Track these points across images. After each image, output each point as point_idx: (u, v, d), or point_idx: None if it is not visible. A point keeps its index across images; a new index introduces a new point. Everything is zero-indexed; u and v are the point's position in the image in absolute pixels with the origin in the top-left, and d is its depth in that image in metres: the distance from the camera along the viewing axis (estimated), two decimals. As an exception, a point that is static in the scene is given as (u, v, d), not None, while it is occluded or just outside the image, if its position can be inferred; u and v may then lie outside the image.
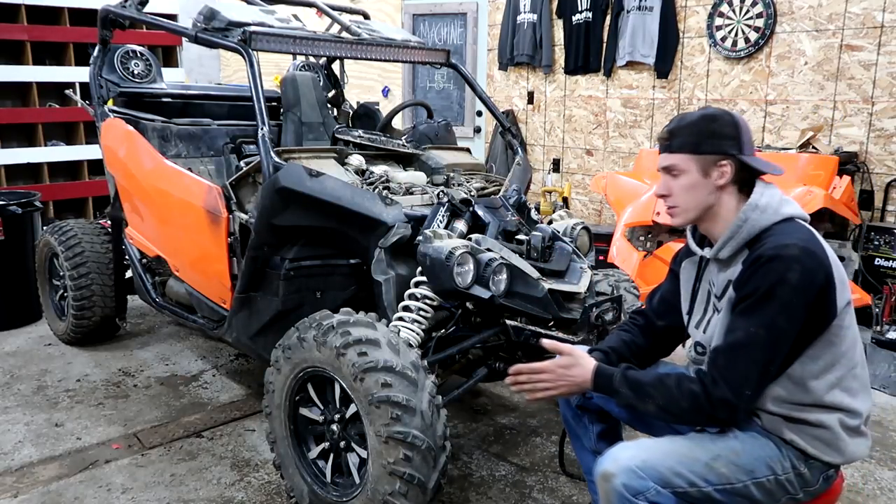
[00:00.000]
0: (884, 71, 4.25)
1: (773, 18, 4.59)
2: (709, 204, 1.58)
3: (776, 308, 1.42)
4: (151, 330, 4.09)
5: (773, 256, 1.44)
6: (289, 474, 2.26)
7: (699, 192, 1.57)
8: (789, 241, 1.45)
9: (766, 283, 1.43)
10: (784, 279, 1.42)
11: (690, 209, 1.60)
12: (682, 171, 1.58)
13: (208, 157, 3.59)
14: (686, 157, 1.57)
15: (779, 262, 1.43)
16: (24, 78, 5.42)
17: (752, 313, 1.44)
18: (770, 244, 1.47)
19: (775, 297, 1.42)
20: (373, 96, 6.67)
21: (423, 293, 2.25)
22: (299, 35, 2.76)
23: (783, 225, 1.52)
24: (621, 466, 1.47)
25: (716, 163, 1.56)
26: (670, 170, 1.59)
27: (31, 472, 2.56)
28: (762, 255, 1.46)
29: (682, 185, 1.58)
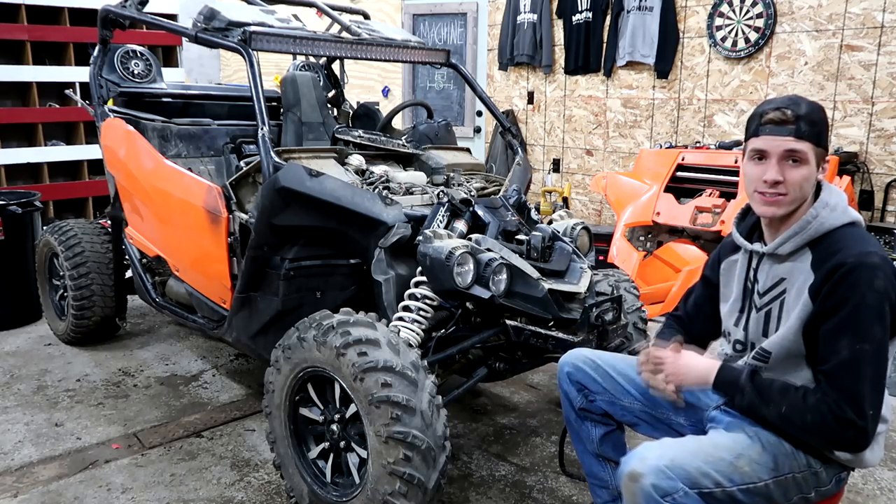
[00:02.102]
0: (884, 71, 4.25)
1: (773, 18, 4.59)
2: (807, 197, 1.54)
3: (872, 318, 1.41)
4: (151, 330, 4.09)
5: (857, 265, 1.42)
6: (289, 474, 2.26)
7: (809, 185, 1.52)
8: (869, 248, 1.45)
9: (856, 295, 1.41)
10: (873, 287, 1.41)
11: (797, 200, 1.53)
12: (806, 160, 1.50)
13: (208, 157, 3.59)
14: (811, 147, 1.49)
15: (865, 272, 1.41)
16: (24, 78, 5.42)
17: (849, 328, 1.42)
18: (849, 251, 1.45)
19: (868, 307, 1.41)
20: (373, 96, 6.68)
21: (423, 293, 2.25)
22: (299, 35, 2.76)
23: (850, 230, 1.52)
24: (650, 466, 1.44)
25: (825, 157, 1.54)
26: (793, 156, 1.50)
27: (31, 471, 2.56)
28: (844, 263, 1.44)
29: (801, 175, 1.50)
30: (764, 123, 1.51)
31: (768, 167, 1.51)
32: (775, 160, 1.50)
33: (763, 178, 1.51)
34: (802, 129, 1.48)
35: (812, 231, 1.51)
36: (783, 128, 1.49)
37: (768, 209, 1.53)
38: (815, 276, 1.48)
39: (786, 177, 1.50)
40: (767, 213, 1.54)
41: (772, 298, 1.59)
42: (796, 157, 1.49)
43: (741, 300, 1.67)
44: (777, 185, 1.50)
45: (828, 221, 1.51)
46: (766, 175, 1.50)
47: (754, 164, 1.54)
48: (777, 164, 1.50)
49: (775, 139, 1.50)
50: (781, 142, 1.49)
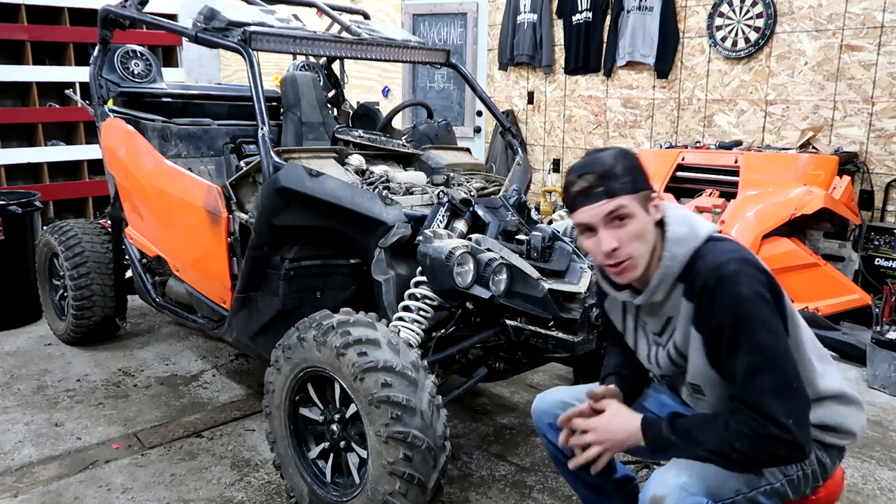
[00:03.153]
0: (884, 71, 4.25)
1: (773, 18, 4.59)
2: (653, 245, 1.47)
3: (752, 327, 1.36)
4: (151, 330, 4.09)
5: (717, 281, 1.39)
6: (289, 474, 2.26)
7: (649, 235, 1.46)
8: (722, 258, 1.40)
9: (727, 311, 1.37)
10: (739, 297, 1.36)
11: (643, 255, 1.46)
12: (631, 214, 1.42)
13: (208, 157, 3.59)
14: (629, 198, 1.42)
15: (726, 284, 1.38)
16: (24, 78, 5.42)
17: (737, 346, 1.37)
18: (705, 271, 1.41)
19: (742, 318, 1.36)
20: (373, 96, 6.68)
21: (423, 293, 2.25)
22: (299, 35, 2.76)
23: (707, 247, 1.46)
24: (671, 487, 1.42)
25: (650, 198, 1.46)
26: (615, 216, 1.43)
27: (31, 471, 2.56)
28: (705, 284, 1.40)
29: (633, 232, 1.43)
30: (574, 197, 1.46)
31: (599, 238, 1.44)
32: (602, 228, 1.44)
33: (600, 250, 1.45)
34: (611, 187, 1.42)
35: (673, 270, 1.47)
36: (592, 195, 1.43)
37: (623, 278, 1.49)
38: (692, 306, 1.45)
39: (620, 240, 1.43)
40: (624, 281, 1.50)
41: (668, 337, 1.55)
42: (619, 215, 1.42)
43: (642, 339, 1.64)
44: (615, 252, 1.44)
45: (682, 253, 1.46)
46: (602, 246, 1.44)
47: (586, 238, 1.48)
48: (605, 230, 1.44)
49: (590, 209, 1.43)
50: (596, 209, 1.43)
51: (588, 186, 1.43)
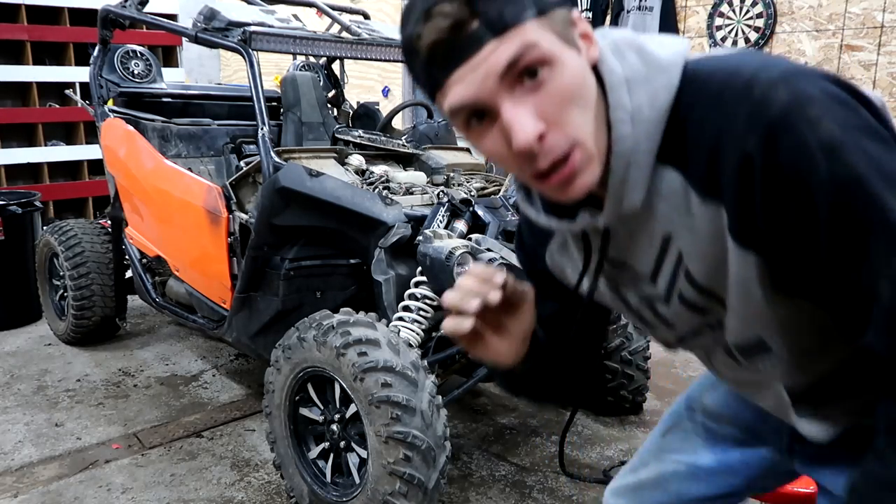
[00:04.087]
0: (884, 71, 4.25)
1: (773, 18, 4.59)
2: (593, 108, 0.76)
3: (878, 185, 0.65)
4: (151, 330, 4.09)
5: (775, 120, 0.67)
6: (289, 474, 2.26)
7: (590, 91, 0.75)
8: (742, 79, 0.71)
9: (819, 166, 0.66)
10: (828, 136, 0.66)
11: (594, 132, 0.76)
12: (549, 57, 0.72)
13: (208, 157, 3.59)
14: (537, 25, 0.72)
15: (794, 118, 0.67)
16: (24, 78, 5.42)
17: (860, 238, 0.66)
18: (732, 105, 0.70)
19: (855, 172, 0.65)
20: (373, 96, 6.67)
21: (423, 293, 2.25)
22: (299, 35, 2.76)
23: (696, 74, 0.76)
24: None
25: (571, 21, 0.76)
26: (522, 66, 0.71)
27: (31, 472, 2.56)
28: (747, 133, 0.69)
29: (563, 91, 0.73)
30: (430, 57, 0.73)
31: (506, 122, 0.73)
32: (505, 100, 0.72)
33: (515, 146, 0.72)
34: (499, 10, 0.71)
35: (646, 139, 0.76)
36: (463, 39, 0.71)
37: (573, 187, 0.76)
38: (717, 193, 0.73)
39: (545, 113, 0.72)
40: (577, 192, 0.77)
41: (672, 273, 0.84)
42: (529, 63, 0.71)
43: (631, 295, 0.94)
44: (546, 139, 0.73)
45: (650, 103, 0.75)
46: (517, 136, 0.72)
47: (481, 134, 0.76)
48: (512, 102, 0.72)
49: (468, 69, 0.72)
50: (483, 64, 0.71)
51: (453, 23, 0.70)
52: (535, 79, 0.72)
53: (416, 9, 0.73)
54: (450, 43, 0.72)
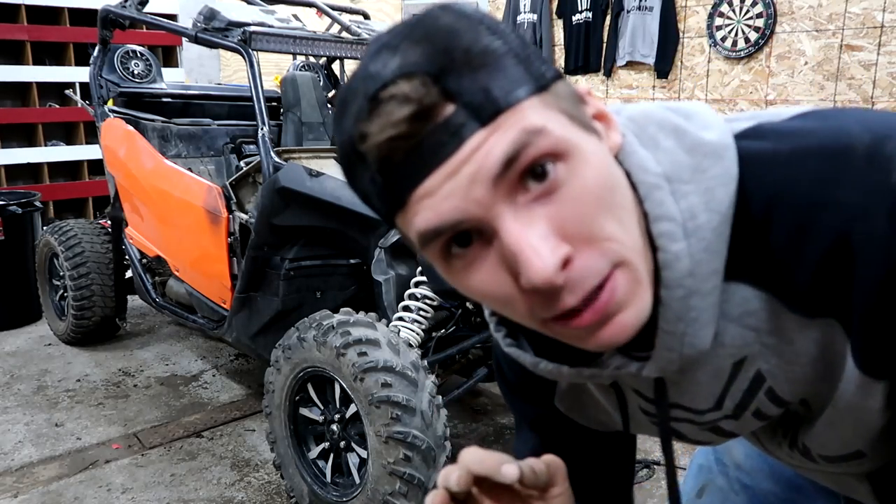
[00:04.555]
0: (884, 71, 4.25)
1: (773, 18, 4.59)
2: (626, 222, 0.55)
3: None
4: (151, 330, 4.09)
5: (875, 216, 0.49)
6: (289, 474, 2.26)
7: (622, 190, 0.55)
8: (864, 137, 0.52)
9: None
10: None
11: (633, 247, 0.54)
12: (564, 146, 0.51)
13: (208, 157, 3.59)
14: (538, 106, 0.51)
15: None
16: (24, 78, 5.42)
17: None
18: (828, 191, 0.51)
19: None
20: (373, 96, 6.67)
21: (423, 293, 2.25)
22: (299, 35, 2.76)
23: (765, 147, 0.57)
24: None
25: (579, 96, 0.59)
26: (529, 163, 0.50)
27: (31, 472, 2.56)
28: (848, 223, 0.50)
29: (588, 191, 0.51)
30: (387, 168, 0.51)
31: (509, 246, 0.50)
32: (507, 215, 0.50)
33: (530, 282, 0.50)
34: (471, 90, 0.49)
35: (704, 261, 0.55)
36: (436, 136, 0.49)
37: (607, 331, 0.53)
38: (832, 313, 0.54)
39: (564, 229, 0.51)
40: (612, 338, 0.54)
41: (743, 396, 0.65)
42: (533, 157, 0.50)
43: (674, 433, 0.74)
44: (569, 265, 0.51)
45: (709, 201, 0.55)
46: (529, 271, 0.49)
47: (468, 267, 0.54)
48: (517, 220, 0.50)
49: (447, 176, 0.50)
50: (468, 169, 0.50)
51: (416, 111, 0.49)
52: (544, 181, 0.50)
53: (357, 94, 0.51)
54: (413, 140, 0.49)
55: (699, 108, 0.61)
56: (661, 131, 0.58)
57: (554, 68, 0.55)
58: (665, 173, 0.56)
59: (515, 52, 0.51)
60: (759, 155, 0.55)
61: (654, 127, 0.59)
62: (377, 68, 0.50)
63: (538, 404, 0.77)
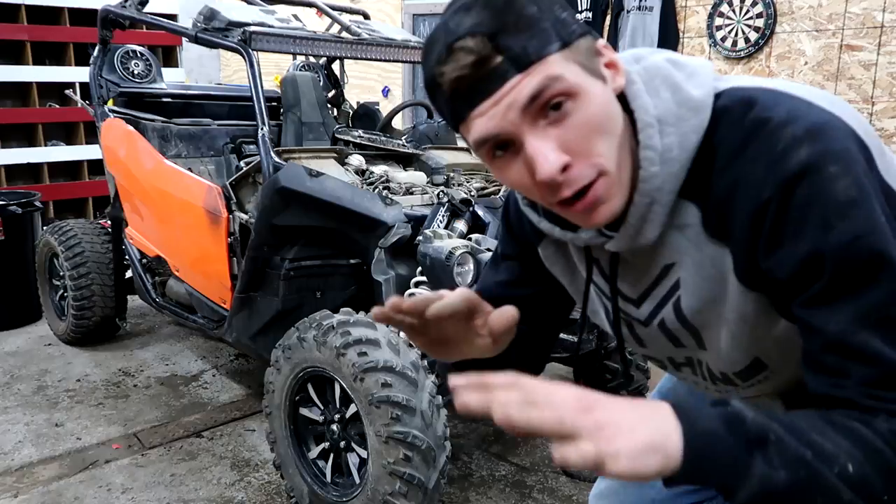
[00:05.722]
0: (884, 71, 4.25)
1: (773, 18, 4.59)
2: (620, 138, 0.76)
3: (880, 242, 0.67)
4: (151, 330, 4.09)
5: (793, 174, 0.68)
6: (289, 474, 2.26)
7: (615, 121, 0.75)
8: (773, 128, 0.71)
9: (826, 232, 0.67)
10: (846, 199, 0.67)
11: (618, 163, 0.76)
12: (574, 89, 0.72)
13: (208, 157, 3.59)
14: (561, 57, 0.72)
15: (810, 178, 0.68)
16: (24, 78, 5.42)
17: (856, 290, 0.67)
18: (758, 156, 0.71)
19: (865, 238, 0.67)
20: (373, 96, 6.67)
21: (423, 293, 2.25)
22: (299, 35, 2.76)
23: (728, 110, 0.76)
24: None
25: (596, 50, 0.76)
26: (546, 100, 0.71)
27: (31, 472, 2.56)
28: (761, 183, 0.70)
29: (588, 122, 0.73)
30: (454, 93, 0.74)
31: (529, 153, 0.73)
32: (528, 133, 0.73)
33: (539, 178, 0.73)
34: (522, 45, 0.71)
35: (668, 182, 0.77)
36: (487, 75, 0.71)
37: (596, 216, 0.77)
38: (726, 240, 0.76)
39: (569, 145, 0.72)
40: (598, 220, 0.77)
41: (662, 300, 0.87)
42: (553, 96, 0.71)
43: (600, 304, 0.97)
44: (569, 171, 0.73)
45: (679, 143, 0.76)
46: (541, 168, 0.72)
47: (505, 165, 0.77)
48: (535, 135, 0.73)
49: (492, 104, 0.72)
50: (506, 99, 0.72)
51: (476, 59, 0.71)
52: (558, 111, 0.72)
53: (438, 43, 0.74)
54: (473, 78, 0.72)
55: (701, 69, 0.81)
56: (663, 84, 0.79)
57: (580, 28, 0.76)
58: (658, 116, 0.78)
59: (550, 17, 0.73)
60: (722, 110, 0.77)
61: (659, 80, 0.80)
62: (454, 24, 0.72)
63: (522, 246, 1.02)
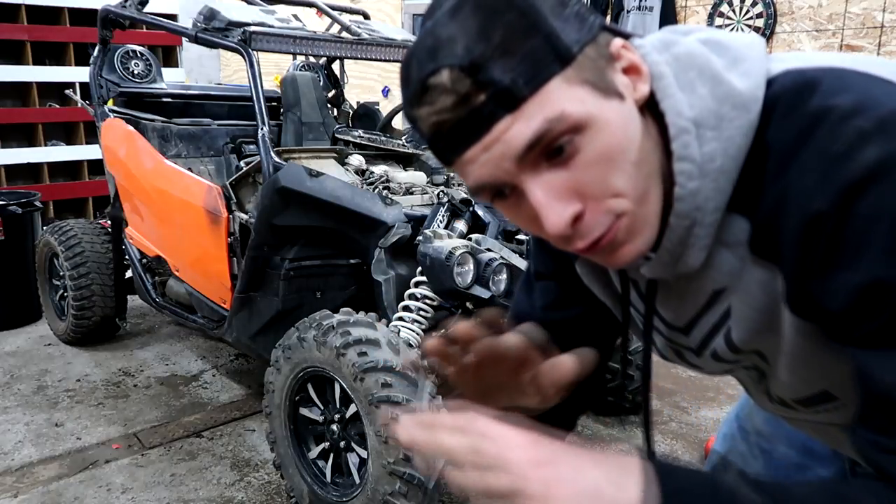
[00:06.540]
0: (884, 71, 4.25)
1: (773, 18, 4.59)
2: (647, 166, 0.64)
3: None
4: (151, 330, 4.09)
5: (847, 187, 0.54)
6: (289, 474, 2.26)
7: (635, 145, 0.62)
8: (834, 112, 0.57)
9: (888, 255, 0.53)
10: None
11: (647, 193, 0.64)
12: (582, 121, 0.59)
13: (208, 157, 3.59)
14: (563, 82, 0.59)
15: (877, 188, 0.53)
16: (24, 78, 5.42)
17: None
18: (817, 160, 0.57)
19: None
20: (373, 96, 6.67)
21: (423, 293, 2.25)
22: (299, 35, 2.76)
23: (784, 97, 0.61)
24: None
25: (611, 55, 0.64)
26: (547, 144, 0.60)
27: (31, 472, 2.56)
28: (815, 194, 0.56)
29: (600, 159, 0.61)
30: (437, 139, 0.64)
31: (533, 202, 0.62)
32: (530, 182, 0.62)
33: (546, 231, 0.63)
34: (501, 81, 0.58)
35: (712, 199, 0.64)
36: (471, 119, 0.60)
37: (616, 258, 0.66)
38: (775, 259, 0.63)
39: (577, 189, 0.61)
40: (620, 262, 0.67)
41: (712, 329, 0.74)
42: (553, 139, 0.60)
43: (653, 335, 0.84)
44: (579, 220, 0.62)
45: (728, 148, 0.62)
46: (546, 227, 0.62)
47: (510, 208, 0.67)
48: (537, 186, 0.62)
49: (482, 150, 0.61)
50: (497, 147, 0.60)
51: (455, 101, 0.59)
52: (563, 153, 0.60)
53: (412, 78, 0.61)
54: (453, 122, 0.60)
55: (749, 51, 0.65)
56: (699, 77, 0.64)
57: (588, 29, 0.62)
58: (695, 118, 0.63)
59: (546, 30, 0.59)
60: (774, 102, 0.61)
61: (694, 72, 0.65)
62: (431, 44, 0.60)
63: (557, 261, 0.90)
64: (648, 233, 0.65)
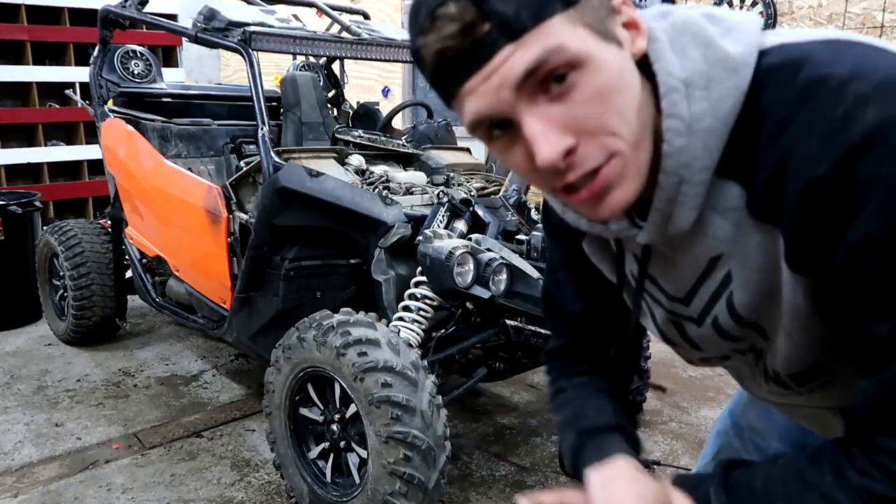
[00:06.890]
0: (884, 71, 4.25)
1: (773, 18, 4.59)
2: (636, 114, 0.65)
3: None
4: (151, 330, 4.09)
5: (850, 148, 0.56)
6: (289, 474, 2.26)
7: (632, 91, 0.65)
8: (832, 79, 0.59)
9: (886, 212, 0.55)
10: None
11: (638, 141, 0.65)
12: (581, 57, 0.61)
13: (208, 157, 3.59)
14: (565, 20, 0.61)
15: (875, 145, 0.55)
16: (24, 78, 5.42)
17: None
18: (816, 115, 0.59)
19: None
20: (373, 96, 6.67)
21: (423, 293, 2.25)
22: (299, 35, 2.76)
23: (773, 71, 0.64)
24: None
25: (612, 7, 0.66)
26: (545, 73, 0.61)
27: (31, 472, 2.56)
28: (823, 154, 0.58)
29: (596, 96, 0.62)
30: (440, 69, 0.64)
31: (528, 135, 0.63)
32: (525, 112, 0.63)
33: (538, 164, 0.63)
34: (505, 11, 0.60)
35: (700, 158, 0.66)
36: (474, 47, 0.61)
37: (603, 206, 0.67)
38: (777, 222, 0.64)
39: (573, 124, 0.62)
40: (607, 211, 0.68)
41: (712, 297, 0.75)
42: (551, 69, 0.61)
43: (655, 306, 0.86)
44: (572, 156, 0.63)
45: (713, 111, 0.65)
46: (537, 156, 0.63)
47: (504, 147, 0.67)
48: (533, 115, 0.63)
49: (482, 79, 0.62)
50: (497, 74, 0.62)
51: (460, 28, 0.61)
52: (561, 84, 0.61)
53: (421, 11, 0.63)
54: (457, 50, 0.62)
55: (744, 24, 0.68)
56: (692, 41, 0.67)
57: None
58: (685, 79, 0.66)
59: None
60: (767, 70, 0.64)
61: (687, 37, 0.68)
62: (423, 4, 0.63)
63: (568, 246, 0.92)
64: (637, 181, 0.67)
